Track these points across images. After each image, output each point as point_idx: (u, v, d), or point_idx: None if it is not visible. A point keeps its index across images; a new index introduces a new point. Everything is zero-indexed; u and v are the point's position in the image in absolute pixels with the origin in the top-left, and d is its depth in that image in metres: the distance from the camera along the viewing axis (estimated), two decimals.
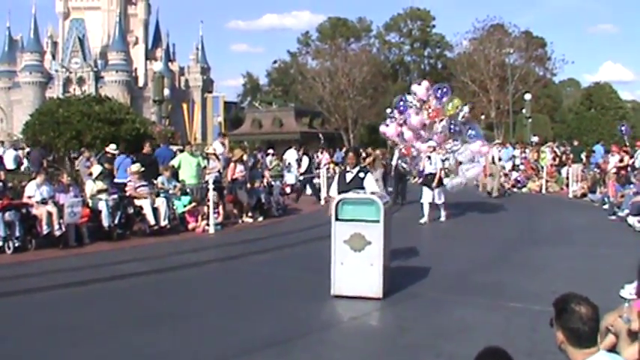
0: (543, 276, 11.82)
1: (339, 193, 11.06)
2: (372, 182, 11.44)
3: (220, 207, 18.54)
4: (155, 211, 16.76)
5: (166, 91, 39.40)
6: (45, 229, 14.79)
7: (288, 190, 26.90)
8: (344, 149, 32.67)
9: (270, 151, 36.82)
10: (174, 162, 19.22)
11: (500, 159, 31.19)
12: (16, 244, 14.35)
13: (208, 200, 17.68)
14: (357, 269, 9.74)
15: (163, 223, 16.87)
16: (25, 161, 28.68)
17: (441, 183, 19.90)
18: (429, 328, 8.61)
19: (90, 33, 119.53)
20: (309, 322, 8.88)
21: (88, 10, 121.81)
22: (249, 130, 76.88)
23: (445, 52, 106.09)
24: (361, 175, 11.47)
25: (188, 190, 18.55)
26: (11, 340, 8.08)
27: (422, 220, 19.57)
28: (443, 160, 20.33)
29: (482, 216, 21.66)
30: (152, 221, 16.67)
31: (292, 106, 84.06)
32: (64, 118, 24.01)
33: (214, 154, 20.38)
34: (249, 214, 19.71)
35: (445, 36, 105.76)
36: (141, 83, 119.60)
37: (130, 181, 17.36)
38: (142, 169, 17.57)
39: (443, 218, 20.04)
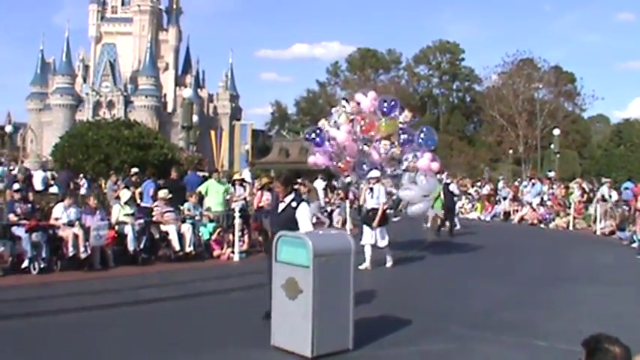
0: (569, 314, 11.65)
1: (272, 226, 10.28)
2: (304, 214, 9.73)
3: (246, 235, 18.50)
4: (181, 237, 16.77)
5: (195, 118, 39.68)
6: (71, 251, 14.84)
7: (314, 219, 26.88)
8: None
9: (299, 180, 36.77)
10: (202, 188, 19.25)
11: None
12: (42, 265, 14.42)
13: (234, 228, 17.65)
14: (291, 319, 8.44)
15: (188, 249, 16.87)
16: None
17: (384, 221, 16.93)
18: None
19: (121, 58, 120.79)
20: None
21: (120, 35, 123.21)
22: (276, 159, 76.94)
23: (474, 85, 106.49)
24: (293, 204, 9.85)
25: (214, 217, 18.55)
26: None
27: (362, 266, 15.72)
28: (390, 193, 18.15)
29: (506, 252, 21.36)
30: (177, 247, 16.68)
31: None
32: (93, 141, 24.23)
33: (242, 181, 20.42)
34: None
35: (474, 69, 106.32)
36: (170, 109, 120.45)
37: (156, 206, 17.42)
38: (169, 195, 17.64)
39: (389, 264, 17.03)
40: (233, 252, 17.34)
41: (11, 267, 14.43)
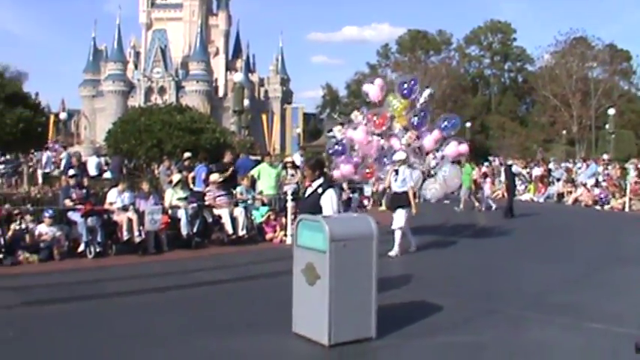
0: (627, 297, 11.46)
1: (299, 210, 10.07)
2: (328, 201, 9.39)
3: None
4: (233, 220, 16.87)
5: (246, 102, 39.80)
6: (125, 236, 15.07)
7: (365, 202, 26.76)
8: None
9: None
10: (254, 172, 19.31)
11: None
12: (97, 249, 14.71)
13: (286, 211, 17.68)
14: (310, 306, 8.20)
15: (241, 232, 16.97)
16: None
17: (406, 205, 16.05)
18: (506, 346, 8.37)
19: (172, 43, 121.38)
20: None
21: (170, 21, 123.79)
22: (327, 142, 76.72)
23: (526, 65, 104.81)
24: (319, 190, 9.60)
25: (266, 201, 18.61)
26: (89, 343, 8.17)
27: (391, 253, 15.50)
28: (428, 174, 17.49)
29: (560, 234, 21.09)
30: (230, 230, 16.79)
31: None
32: (145, 127, 24.37)
33: (294, 164, 20.44)
34: None
35: (526, 49, 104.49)
36: (221, 93, 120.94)
37: (209, 190, 17.52)
38: (222, 178, 17.73)
39: (413, 248, 16.29)
40: (285, 235, 17.37)
41: (68, 251, 14.70)
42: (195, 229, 16.40)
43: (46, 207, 15.68)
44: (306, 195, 9.85)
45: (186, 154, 20.69)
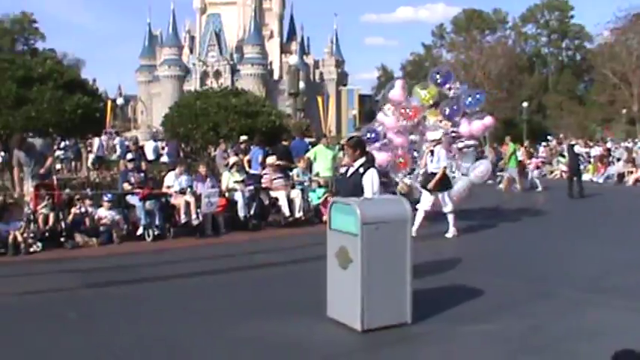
0: None
1: (338, 191, 9.71)
2: (369, 181, 8.89)
3: None
4: (290, 202, 16.89)
5: (301, 84, 39.82)
6: (183, 218, 15.23)
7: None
8: None
9: None
10: (310, 154, 19.28)
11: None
12: (156, 232, 14.89)
13: None
14: (343, 290, 8.03)
15: (298, 214, 16.99)
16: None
17: (446, 185, 15.72)
18: (562, 329, 8.14)
19: (226, 27, 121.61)
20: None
21: (224, 5, 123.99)
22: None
23: (584, 43, 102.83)
24: (361, 170, 9.09)
25: (323, 183, 18.58)
26: (148, 324, 8.24)
27: (448, 234, 15.50)
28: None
29: (620, 215, 20.64)
30: (287, 213, 16.82)
31: None
32: (201, 111, 24.49)
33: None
34: None
35: (584, 26, 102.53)
36: (276, 76, 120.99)
37: (266, 172, 17.57)
38: (278, 161, 17.75)
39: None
40: None
41: (127, 235, 14.89)
42: (252, 212, 16.49)
43: (105, 191, 15.92)
44: (348, 175, 9.43)
45: (242, 137, 20.76)
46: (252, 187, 16.88)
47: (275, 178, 17.33)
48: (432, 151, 15.69)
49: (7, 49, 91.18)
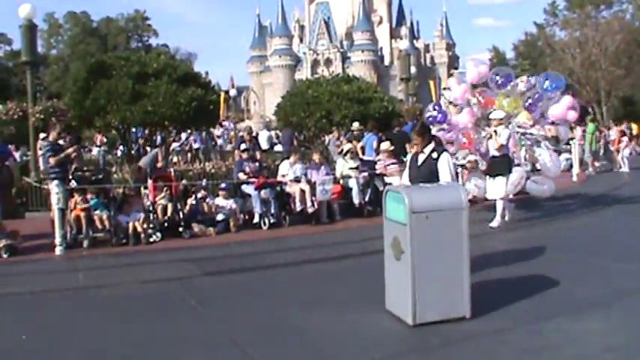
0: None
1: (410, 180, 9.03)
2: (445, 165, 8.56)
3: None
4: None
5: (412, 69, 39.35)
6: (298, 206, 15.31)
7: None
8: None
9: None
10: None
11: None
12: (272, 221, 15.00)
13: (458, 177, 17.34)
14: (397, 282, 7.68)
15: None
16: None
17: (506, 169, 14.58)
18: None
19: (335, 15, 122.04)
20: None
21: None
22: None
23: None
24: (434, 155, 8.73)
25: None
26: (266, 311, 8.28)
27: (493, 224, 14.45)
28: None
29: None
30: None
31: None
32: (313, 99, 24.61)
33: None
34: None
35: None
36: (387, 62, 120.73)
37: (380, 159, 17.44)
38: (392, 147, 17.60)
39: (495, 223, 14.49)
40: None
41: (243, 223, 15.07)
42: (366, 198, 16.43)
43: (221, 181, 16.15)
44: (419, 164, 8.95)
45: (355, 124, 20.69)
46: (366, 174, 16.81)
47: (389, 164, 17.18)
48: (495, 132, 14.63)
49: (123, 47, 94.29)
